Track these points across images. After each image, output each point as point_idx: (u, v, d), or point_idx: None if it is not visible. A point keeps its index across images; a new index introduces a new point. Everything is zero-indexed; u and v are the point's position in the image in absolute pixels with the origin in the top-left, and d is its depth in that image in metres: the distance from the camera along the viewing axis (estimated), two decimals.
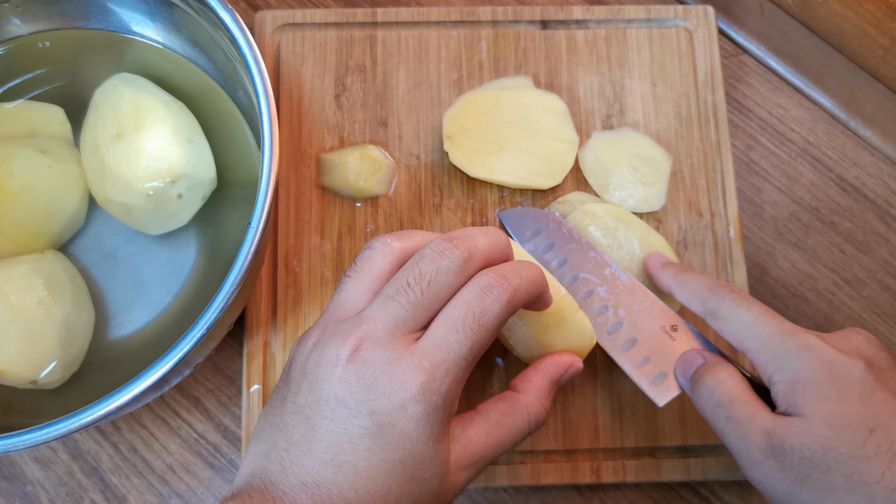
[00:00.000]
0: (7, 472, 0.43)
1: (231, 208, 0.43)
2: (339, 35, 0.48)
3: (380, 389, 0.30)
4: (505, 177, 0.45)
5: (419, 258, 0.32)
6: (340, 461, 0.29)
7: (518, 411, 0.35)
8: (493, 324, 0.31)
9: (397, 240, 0.34)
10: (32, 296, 0.38)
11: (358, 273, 0.33)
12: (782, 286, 0.47)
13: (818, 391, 0.32)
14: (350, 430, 0.29)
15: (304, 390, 0.31)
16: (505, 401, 0.35)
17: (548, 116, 0.46)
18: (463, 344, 0.31)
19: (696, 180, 0.47)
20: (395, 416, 0.29)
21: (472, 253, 0.32)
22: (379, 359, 0.30)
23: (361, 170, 0.45)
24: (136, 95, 0.40)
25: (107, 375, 0.41)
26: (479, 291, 0.31)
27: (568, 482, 0.42)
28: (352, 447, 0.29)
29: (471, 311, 0.31)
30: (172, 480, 0.43)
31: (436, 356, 0.30)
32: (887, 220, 0.49)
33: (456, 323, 0.31)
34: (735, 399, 0.34)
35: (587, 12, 0.49)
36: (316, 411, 0.30)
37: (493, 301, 0.31)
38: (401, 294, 0.31)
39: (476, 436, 0.33)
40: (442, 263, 0.31)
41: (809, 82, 0.51)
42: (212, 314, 0.33)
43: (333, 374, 0.30)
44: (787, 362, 0.33)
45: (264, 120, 0.36)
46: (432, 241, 0.32)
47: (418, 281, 0.31)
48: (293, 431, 0.30)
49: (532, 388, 0.36)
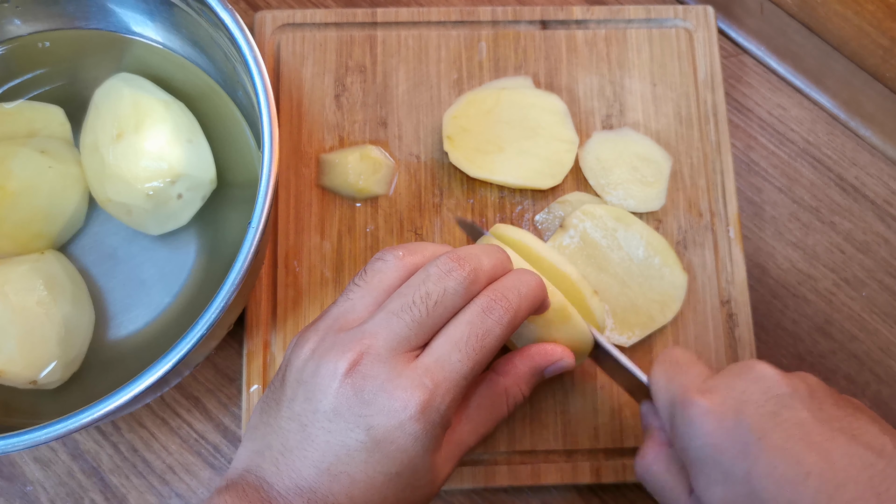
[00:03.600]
0: (7, 472, 0.43)
1: (231, 208, 0.43)
2: (338, 35, 0.48)
3: (378, 405, 0.30)
4: (505, 177, 0.45)
5: (425, 277, 0.32)
6: (337, 471, 0.29)
7: (497, 394, 0.35)
8: (494, 343, 0.31)
9: (409, 254, 0.34)
10: (32, 296, 0.38)
11: (367, 284, 0.33)
12: (782, 286, 0.47)
13: (707, 475, 0.31)
14: (347, 442, 0.30)
15: (300, 398, 0.31)
16: (484, 384, 0.35)
17: (548, 116, 0.46)
18: (465, 364, 0.31)
19: (696, 180, 0.47)
20: (393, 433, 0.29)
21: (478, 275, 0.32)
22: (378, 375, 0.30)
23: (361, 170, 0.45)
24: (136, 95, 0.40)
25: (107, 375, 0.41)
26: (481, 313, 0.32)
27: (568, 482, 0.42)
28: (348, 458, 0.29)
29: (474, 332, 0.31)
30: (172, 480, 0.43)
31: (437, 375, 0.30)
32: (887, 220, 0.49)
33: (459, 343, 0.31)
34: (661, 488, 0.34)
35: (587, 12, 0.49)
36: (312, 420, 0.30)
37: (495, 322, 0.31)
38: (405, 312, 0.31)
39: (459, 426, 0.33)
40: (448, 284, 0.32)
41: (809, 82, 0.51)
42: (212, 314, 0.33)
43: (331, 386, 0.30)
44: (678, 440, 0.32)
45: (264, 120, 0.36)
46: (438, 260, 0.32)
47: (424, 301, 0.31)
48: (288, 437, 0.30)
49: (513, 371, 0.36)
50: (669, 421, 0.33)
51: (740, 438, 0.30)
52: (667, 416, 0.34)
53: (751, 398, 0.31)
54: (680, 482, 0.33)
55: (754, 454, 0.29)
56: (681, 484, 0.33)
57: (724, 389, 0.31)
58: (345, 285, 0.44)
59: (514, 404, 0.35)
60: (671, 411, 0.33)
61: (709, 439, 0.30)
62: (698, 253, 0.45)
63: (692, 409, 0.31)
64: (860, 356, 0.46)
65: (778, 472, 0.29)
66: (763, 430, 0.29)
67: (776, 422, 0.30)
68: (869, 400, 0.46)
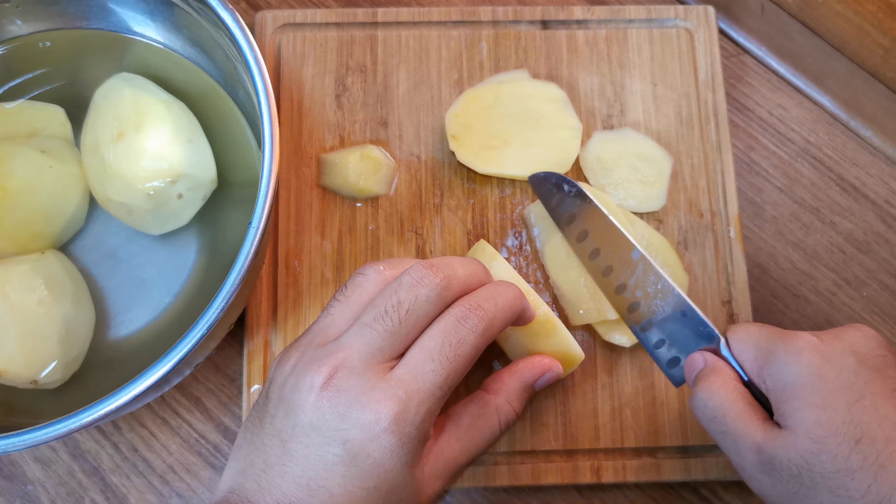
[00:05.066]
0: (7, 471, 0.43)
1: (231, 208, 0.43)
2: (339, 35, 0.48)
3: (353, 419, 0.30)
4: (514, 170, 0.45)
5: (398, 286, 0.32)
6: (316, 486, 0.29)
7: (489, 413, 0.35)
8: (469, 353, 0.31)
9: (390, 268, 0.34)
10: (33, 296, 0.38)
11: (347, 298, 0.33)
12: (782, 286, 0.47)
13: (804, 398, 0.31)
14: (324, 457, 0.30)
15: (280, 414, 0.31)
16: (475, 402, 0.35)
17: (548, 105, 0.47)
18: (439, 374, 0.31)
19: (697, 180, 0.47)
20: (368, 447, 0.29)
21: (451, 282, 0.32)
22: (353, 388, 0.30)
23: (362, 170, 0.45)
24: (137, 95, 0.40)
25: (107, 375, 0.41)
26: (455, 321, 0.31)
27: (568, 482, 0.42)
28: (326, 473, 0.29)
29: (447, 340, 0.31)
30: (173, 480, 0.43)
31: (411, 386, 0.30)
32: (888, 220, 0.49)
33: (432, 352, 0.31)
34: (727, 413, 0.33)
35: (588, 12, 0.49)
36: (291, 436, 0.30)
37: (469, 331, 0.31)
38: (378, 322, 0.31)
39: (448, 444, 0.33)
40: (420, 292, 0.32)
41: (810, 82, 0.51)
42: (212, 314, 0.33)
43: (307, 401, 0.30)
44: (776, 367, 0.32)
45: (265, 120, 0.36)
46: (411, 268, 0.32)
47: (396, 309, 0.31)
48: (270, 453, 0.30)
49: (503, 389, 0.36)
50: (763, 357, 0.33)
51: (846, 377, 0.31)
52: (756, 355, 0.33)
53: (859, 349, 0.32)
54: (750, 408, 0.33)
55: (859, 391, 0.30)
56: (750, 409, 0.33)
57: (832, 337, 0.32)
58: None
59: (506, 422, 0.35)
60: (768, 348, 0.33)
61: (814, 369, 0.31)
62: (699, 253, 0.45)
63: (800, 342, 0.32)
64: None
65: (881, 411, 0.30)
66: (870, 378, 0.31)
67: (881, 374, 0.31)
68: None
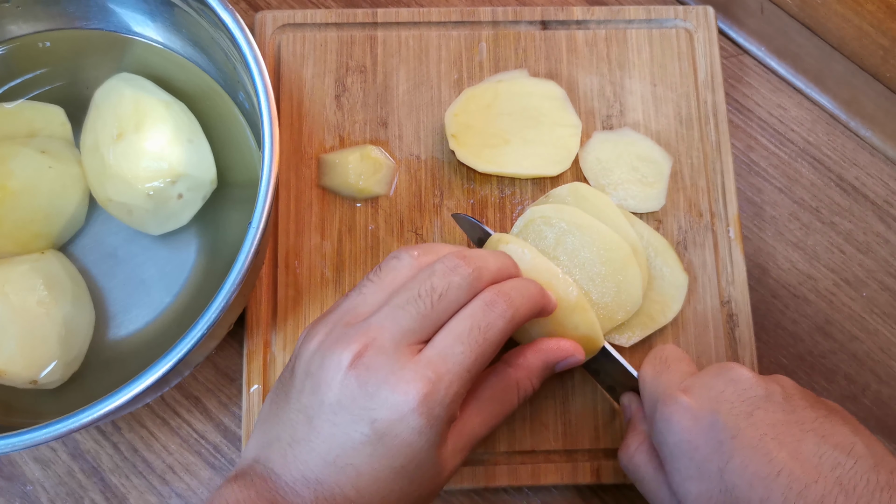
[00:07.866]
0: (7, 471, 0.43)
1: (231, 208, 0.43)
2: (339, 35, 0.48)
3: (381, 398, 0.30)
4: (514, 168, 0.45)
5: (431, 272, 0.32)
6: (343, 463, 0.30)
7: (509, 387, 0.35)
8: (496, 337, 0.32)
9: (424, 254, 0.34)
10: (33, 296, 0.38)
11: (381, 280, 0.34)
12: (782, 286, 0.47)
13: (682, 472, 0.32)
14: (352, 435, 0.30)
15: (307, 391, 0.31)
16: (496, 375, 0.35)
17: (547, 103, 0.47)
18: (468, 356, 0.31)
19: (696, 181, 0.47)
20: (396, 427, 0.30)
21: (482, 273, 0.33)
22: (382, 367, 0.30)
23: (362, 170, 0.45)
24: (137, 95, 0.40)
25: (107, 375, 0.41)
26: (484, 307, 0.32)
27: (568, 482, 0.42)
28: (354, 451, 0.30)
29: (476, 324, 0.31)
30: (172, 480, 0.43)
31: (440, 367, 0.30)
32: (887, 220, 0.49)
33: (461, 335, 0.31)
34: (642, 478, 0.35)
35: (587, 13, 0.49)
36: (318, 413, 0.30)
37: (498, 316, 0.32)
38: (411, 304, 0.32)
39: (469, 417, 0.33)
40: (453, 280, 0.32)
41: (809, 82, 0.51)
42: (212, 314, 0.33)
43: (335, 378, 0.30)
44: (657, 434, 0.33)
45: (265, 120, 0.36)
46: (445, 257, 0.33)
47: (429, 294, 0.32)
48: (297, 428, 0.31)
49: (525, 364, 0.36)
50: (651, 416, 0.34)
51: (715, 436, 0.31)
52: (649, 412, 0.35)
53: (727, 398, 0.32)
54: (660, 474, 0.34)
55: (728, 451, 0.30)
56: (660, 476, 0.34)
57: (701, 388, 0.32)
58: (345, 285, 0.44)
59: (524, 396, 0.36)
60: (651, 407, 0.34)
61: (685, 435, 0.31)
62: (698, 253, 0.45)
63: (671, 405, 0.32)
64: (860, 356, 0.46)
65: (750, 469, 0.29)
66: (737, 429, 0.30)
67: (750, 421, 0.30)
68: (869, 400, 0.46)
